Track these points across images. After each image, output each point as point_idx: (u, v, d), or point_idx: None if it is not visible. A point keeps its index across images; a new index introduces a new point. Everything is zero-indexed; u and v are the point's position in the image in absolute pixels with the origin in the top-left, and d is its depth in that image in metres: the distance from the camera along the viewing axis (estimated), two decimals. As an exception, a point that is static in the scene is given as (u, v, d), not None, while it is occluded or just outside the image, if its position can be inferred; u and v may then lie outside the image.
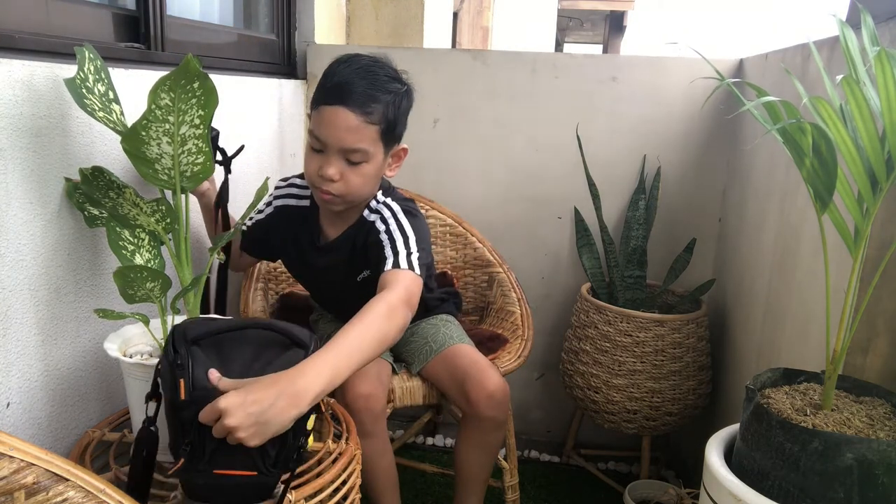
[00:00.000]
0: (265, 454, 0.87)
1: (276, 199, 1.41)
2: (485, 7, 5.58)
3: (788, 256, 1.34)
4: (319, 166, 1.19)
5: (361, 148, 1.18)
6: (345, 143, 1.17)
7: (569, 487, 1.90)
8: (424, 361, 1.41)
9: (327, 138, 1.17)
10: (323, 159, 1.19)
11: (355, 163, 1.19)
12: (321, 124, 1.18)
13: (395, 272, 1.17)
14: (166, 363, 0.88)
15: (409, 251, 1.21)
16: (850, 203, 0.87)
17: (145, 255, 1.05)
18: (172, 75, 0.89)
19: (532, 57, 1.88)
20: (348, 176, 1.20)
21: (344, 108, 1.15)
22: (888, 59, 0.75)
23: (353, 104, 1.15)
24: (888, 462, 0.79)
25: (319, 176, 1.20)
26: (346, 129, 1.16)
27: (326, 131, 1.17)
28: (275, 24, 1.91)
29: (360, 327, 1.02)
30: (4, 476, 0.59)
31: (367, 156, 1.19)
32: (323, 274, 1.39)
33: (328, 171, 1.18)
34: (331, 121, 1.16)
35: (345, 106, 1.15)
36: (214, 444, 0.85)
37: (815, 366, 1.02)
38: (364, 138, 1.17)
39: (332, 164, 1.18)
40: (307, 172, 1.24)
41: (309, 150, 1.22)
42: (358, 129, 1.16)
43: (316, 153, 1.20)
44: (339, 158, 1.19)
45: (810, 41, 1.06)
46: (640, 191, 1.85)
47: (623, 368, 1.67)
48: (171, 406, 0.87)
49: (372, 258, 1.26)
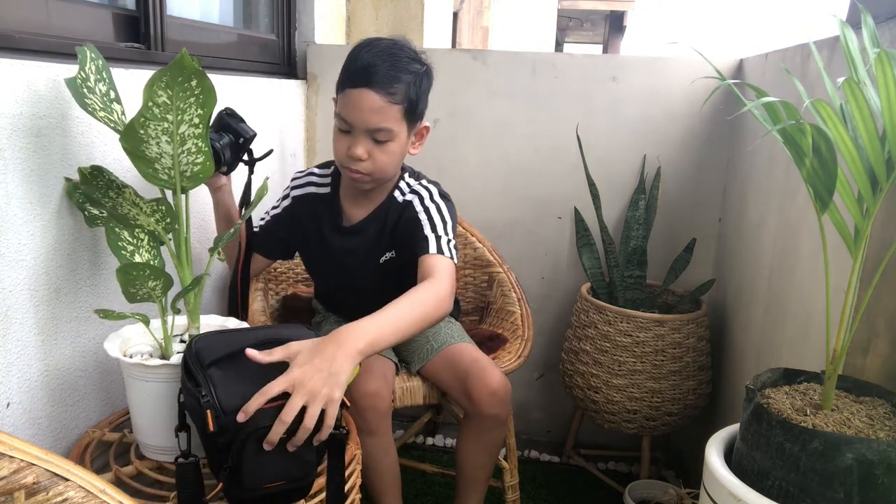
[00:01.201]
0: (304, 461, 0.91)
1: (293, 190, 1.44)
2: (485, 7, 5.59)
3: (788, 256, 1.34)
4: (348, 147, 1.24)
5: (386, 127, 1.22)
6: (370, 124, 1.21)
7: (569, 487, 1.90)
8: (425, 360, 1.41)
9: (354, 120, 1.22)
10: (350, 140, 1.24)
11: (381, 142, 1.24)
12: (347, 106, 1.22)
13: (437, 258, 1.23)
14: (189, 396, 0.89)
15: (448, 237, 1.28)
16: (850, 203, 0.87)
17: (144, 255, 1.05)
18: (168, 71, 0.89)
19: (532, 57, 1.88)
20: (375, 154, 1.24)
21: (368, 89, 1.19)
22: (889, 59, 0.75)
23: (377, 86, 1.19)
24: (888, 462, 0.79)
25: (348, 156, 1.24)
26: (371, 110, 1.20)
27: (353, 113, 1.21)
28: (275, 24, 1.91)
29: (409, 303, 1.09)
30: (4, 476, 0.59)
31: (391, 135, 1.23)
32: (344, 257, 1.40)
33: (357, 151, 1.23)
34: (356, 103, 1.20)
35: (369, 88, 1.19)
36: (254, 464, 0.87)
37: (815, 366, 1.02)
38: (388, 118, 1.21)
39: (360, 144, 1.23)
40: (336, 154, 1.28)
41: (336, 133, 1.27)
42: (382, 110, 1.20)
43: (343, 135, 1.25)
44: (366, 138, 1.23)
45: (810, 41, 1.06)
46: (640, 191, 1.85)
47: (623, 368, 1.67)
48: (203, 435, 0.89)
49: (405, 235, 1.31)
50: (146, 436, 1.01)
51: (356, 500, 1.06)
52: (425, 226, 1.28)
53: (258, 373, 0.92)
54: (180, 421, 0.93)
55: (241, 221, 1.17)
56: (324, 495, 0.98)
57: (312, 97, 1.98)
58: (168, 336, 1.04)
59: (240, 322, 1.16)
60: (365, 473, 1.22)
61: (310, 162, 2.01)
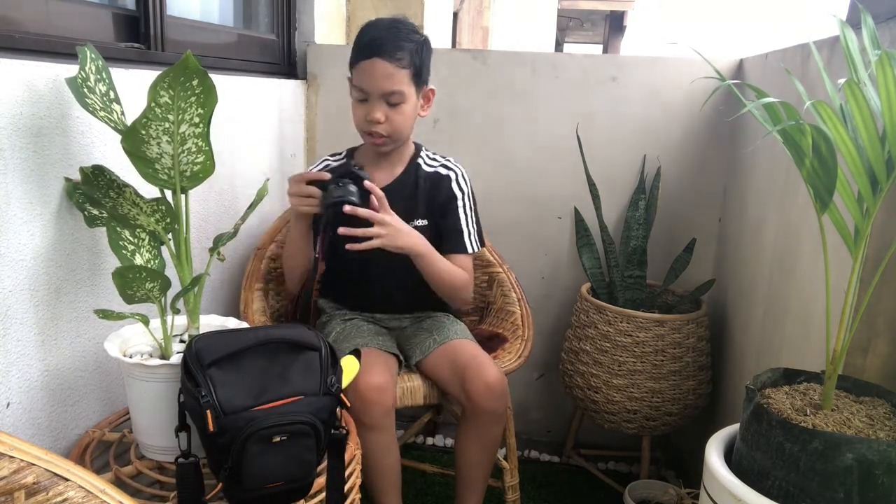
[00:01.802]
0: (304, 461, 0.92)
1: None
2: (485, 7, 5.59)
3: (788, 256, 1.34)
4: (366, 113, 1.38)
5: (398, 90, 1.36)
6: (383, 88, 1.35)
7: (569, 487, 1.90)
8: (426, 353, 1.42)
9: (369, 87, 1.36)
10: (367, 107, 1.37)
11: (395, 104, 1.37)
12: (362, 76, 1.36)
13: (467, 259, 1.47)
14: (189, 396, 0.89)
15: (478, 230, 1.51)
16: (850, 203, 0.87)
17: (145, 255, 1.05)
18: (171, 72, 0.89)
19: (532, 57, 1.88)
20: (391, 116, 1.38)
21: (378, 58, 1.34)
22: (889, 60, 0.75)
23: (385, 54, 1.34)
24: (888, 462, 0.79)
25: (367, 121, 1.38)
26: (383, 76, 1.34)
27: (367, 81, 1.35)
28: (275, 24, 1.91)
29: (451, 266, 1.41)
30: (4, 476, 0.59)
31: (403, 97, 1.37)
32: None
33: (375, 115, 1.36)
34: (369, 71, 1.35)
35: (379, 57, 1.34)
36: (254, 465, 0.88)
37: (815, 366, 1.02)
38: (399, 81, 1.35)
39: (377, 109, 1.37)
40: (356, 122, 1.41)
41: (355, 104, 1.40)
42: (392, 75, 1.34)
43: (360, 104, 1.39)
44: (382, 103, 1.37)
45: (810, 41, 1.06)
46: (640, 191, 1.85)
47: (623, 368, 1.67)
48: (203, 435, 0.89)
49: (440, 209, 1.47)
50: (146, 436, 1.01)
51: (356, 500, 1.06)
52: (461, 219, 1.47)
53: (258, 373, 0.92)
54: (180, 421, 0.93)
55: (241, 221, 1.17)
56: (324, 495, 0.98)
57: (312, 97, 1.98)
58: (168, 336, 1.04)
59: (239, 322, 1.16)
60: (365, 471, 1.22)
61: (310, 161, 2.01)
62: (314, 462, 0.93)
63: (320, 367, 0.97)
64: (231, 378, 0.90)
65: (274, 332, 0.98)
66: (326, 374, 0.97)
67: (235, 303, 1.57)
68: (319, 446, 0.93)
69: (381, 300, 1.54)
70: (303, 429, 0.91)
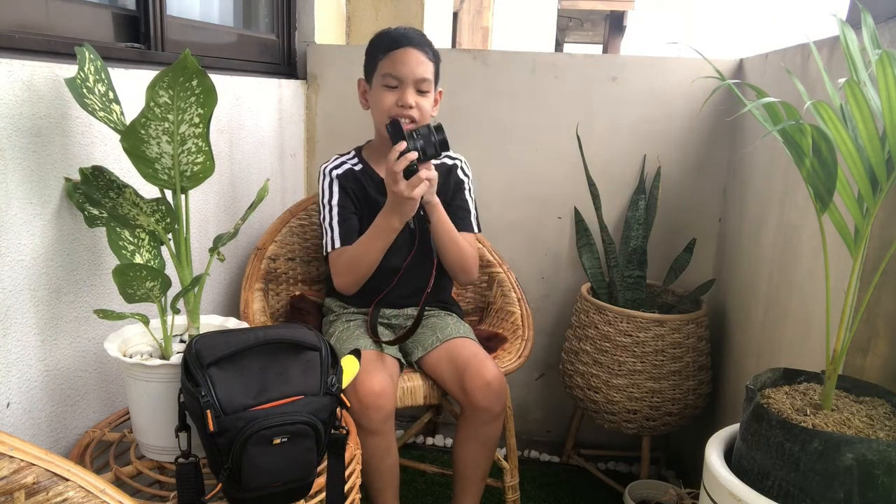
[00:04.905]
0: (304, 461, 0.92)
1: (332, 172, 1.53)
2: (485, 7, 5.59)
3: (788, 256, 1.34)
4: (397, 98, 1.43)
5: (429, 78, 1.45)
6: (417, 74, 1.43)
7: (569, 487, 1.90)
8: (427, 350, 1.43)
9: (404, 73, 1.42)
10: (399, 93, 1.44)
11: (424, 91, 1.45)
12: (395, 63, 1.43)
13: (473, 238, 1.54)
14: (189, 396, 0.89)
15: (477, 213, 1.59)
16: (850, 203, 0.87)
17: (145, 255, 1.05)
18: (170, 72, 0.89)
19: (532, 57, 1.88)
20: (420, 103, 1.45)
21: (412, 48, 1.43)
22: (889, 60, 0.75)
23: (417, 45, 1.44)
24: (888, 462, 0.79)
25: (399, 107, 1.43)
26: (418, 63, 1.43)
27: (402, 67, 1.42)
28: (275, 24, 1.91)
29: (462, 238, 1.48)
30: (4, 476, 0.59)
31: (430, 85, 1.46)
32: None
33: (407, 100, 1.43)
34: (405, 59, 1.43)
35: (412, 46, 1.43)
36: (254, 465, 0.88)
37: (815, 366, 1.02)
38: (429, 71, 1.45)
39: (409, 94, 1.43)
40: (384, 108, 1.44)
41: (382, 91, 1.45)
42: (425, 63, 1.44)
43: (390, 91, 1.44)
44: (413, 90, 1.44)
45: (810, 41, 1.06)
46: (640, 191, 1.85)
47: (623, 368, 1.67)
48: (203, 435, 0.89)
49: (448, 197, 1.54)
50: (146, 436, 1.01)
51: (356, 500, 1.06)
52: (468, 202, 1.56)
53: (258, 373, 0.92)
54: (180, 421, 0.93)
55: (241, 221, 1.17)
56: (324, 495, 0.98)
57: (312, 97, 1.98)
58: (168, 336, 1.04)
59: (239, 322, 1.16)
60: (364, 472, 1.23)
61: (310, 161, 2.01)
62: (314, 462, 0.93)
63: (320, 367, 0.97)
64: (231, 378, 0.90)
65: (274, 332, 0.98)
66: (326, 374, 0.97)
67: (235, 303, 1.57)
68: (319, 446, 0.93)
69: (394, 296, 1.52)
70: (303, 429, 0.91)
